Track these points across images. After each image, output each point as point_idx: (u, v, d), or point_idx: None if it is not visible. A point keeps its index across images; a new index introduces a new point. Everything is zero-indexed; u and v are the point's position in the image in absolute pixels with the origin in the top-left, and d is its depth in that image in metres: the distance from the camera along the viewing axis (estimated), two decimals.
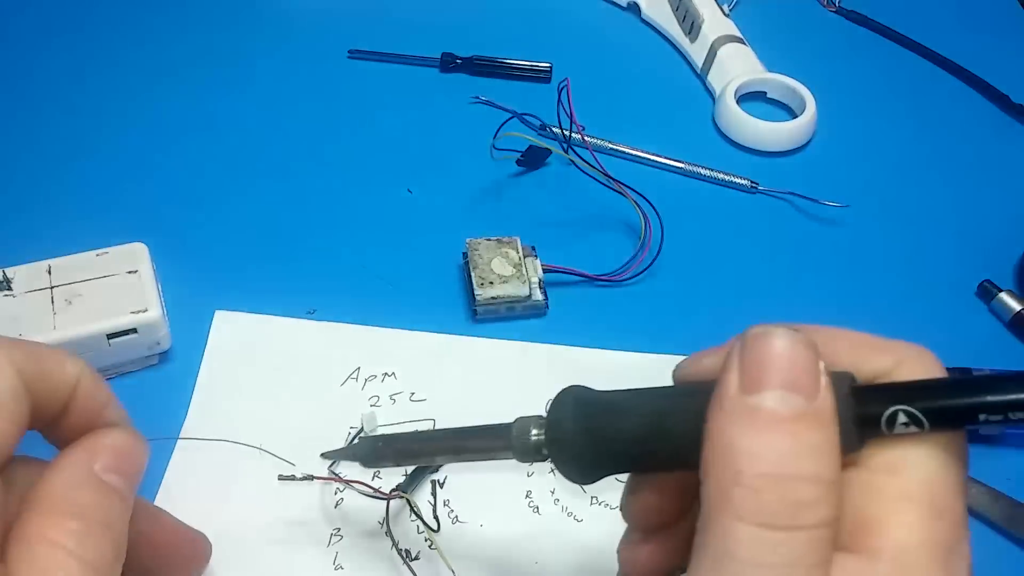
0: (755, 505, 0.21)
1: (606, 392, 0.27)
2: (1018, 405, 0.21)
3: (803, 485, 0.21)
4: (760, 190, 0.57)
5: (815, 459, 0.21)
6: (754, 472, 0.21)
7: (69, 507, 0.26)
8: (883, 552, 0.22)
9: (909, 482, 0.22)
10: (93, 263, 0.44)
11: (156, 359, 0.45)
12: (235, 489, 0.41)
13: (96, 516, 0.26)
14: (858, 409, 0.22)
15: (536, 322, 0.49)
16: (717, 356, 0.26)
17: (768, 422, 0.21)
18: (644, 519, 0.29)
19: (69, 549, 0.25)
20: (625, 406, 0.26)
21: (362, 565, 0.39)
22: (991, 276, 0.53)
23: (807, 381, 0.22)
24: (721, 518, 0.21)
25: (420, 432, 0.39)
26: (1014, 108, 0.64)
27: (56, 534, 0.25)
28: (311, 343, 0.47)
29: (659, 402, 0.26)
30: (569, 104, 0.52)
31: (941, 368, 0.24)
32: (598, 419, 0.27)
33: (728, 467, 0.21)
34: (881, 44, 0.70)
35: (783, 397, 0.21)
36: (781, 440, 0.21)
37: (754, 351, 0.22)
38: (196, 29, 0.64)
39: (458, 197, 0.55)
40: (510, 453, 0.29)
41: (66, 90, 0.59)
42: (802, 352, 0.22)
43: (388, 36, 0.64)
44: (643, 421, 0.25)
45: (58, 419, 0.28)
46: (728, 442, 0.22)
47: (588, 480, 0.28)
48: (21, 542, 0.25)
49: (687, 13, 0.66)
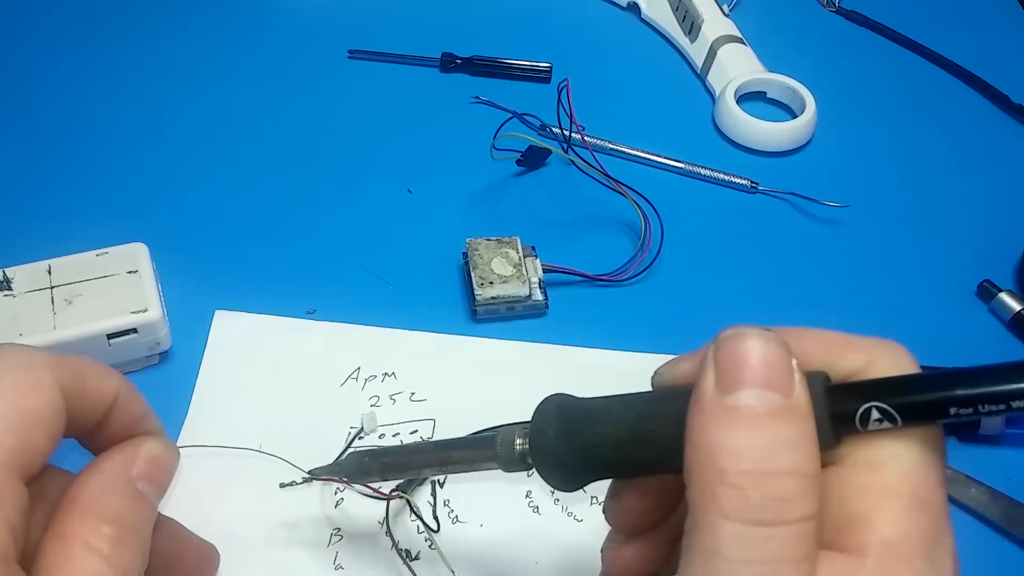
0: (740, 502, 0.21)
1: (587, 399, 0.28)
2: (988, 398, 0.21)
3: (786, 480, 0.21)
4: (760, 190, 0.57)
5: (795, 453, 0.22)
6: (737, 470, 0.21)
7: (105, 511, 0.26)
8: (869, 548, 0.22)
9: (889, 477, 0.22)
10: (93, 263, 0.44)
11: (156, 359, 0.45)
12: (235, 489, 0.41)
13: (128, 522, 0.27)
14: (832, 407, 0.23)
15: (536, 322, 0.49)
16: (694, 360, 0.26)
17: (747, 420, 0.22)
18: (627, 522, 0.30)
19: (104, 554, 0.25)
20: (606, 412, 0.27)
21: (362, 565, 0.39)
22: (991, 276, 0.53)
23: (781, 378, 0.22)
24: (708, 517, 0.22)
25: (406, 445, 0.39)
26: (1014, 108, 0.64)
27: (92, 537, 0.25)
28: (311, 343, 0.47)
29: (639, 407, 0.26)
30: (569, 104, 0.52)
31: (914, 364, 0.24)
32: (579, 427, 0.27)
33: (711, 466, 0.22)
34: (881, 44, 0.70)
35: (759, 394, 0.22)
36: (760, 436, 0.21)
37: (728, 352, 0.23)
38: (196, 29, 0.64)
39: (458, 197, 0.55)
40: (495, 463, 0.30)
41: (66, 90, 0.59)
42: (774, 350, 0.22)
43: (388, 36, 0.64)
44: (624, 427, 0.26)
45: (96, 429, 0.29)
46: (709, 442, 0.22)
47: (572, 487, 0.28)
48: (56, 541, 0.25)
49: (687, 13, 0.66)
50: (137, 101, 0.59)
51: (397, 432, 0.44)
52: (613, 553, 0.30)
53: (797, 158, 0.61)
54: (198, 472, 0.41)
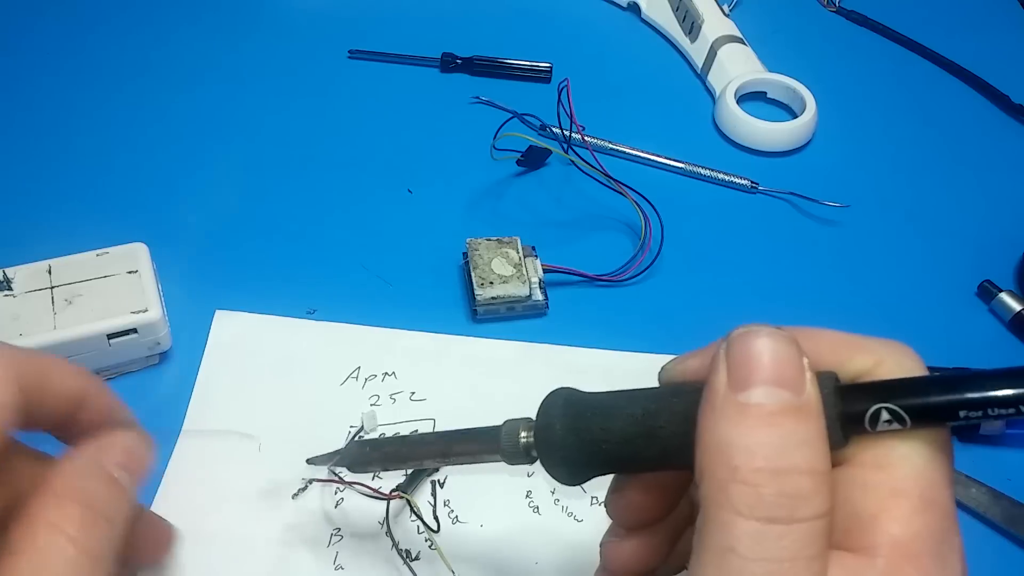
0: (754, 500, 0.21)
1: (594, 394, 0.28)
2: (997, 402, 0.21)
3: (799, 477, 0.21)
4: (760, 190, 0.57)
5: (807, 451, 0.22)
6: (750, 467, 0.21)
7: (75, 494, 0.26)
8: (879, 548, 0.22)
9: (898, 477, 0.23)
10: (93, 263, 0.44)
11: (156, 359, 0.45)
12: (235, 489, 0.41)
13: (100, 507, 0.27)
14: (842, 407, 0.23)
15: (536, 322, 0.49)
16: (702, 357, 0.26)
17: (759, 417, 0.22)
18: (629, 516, 0.30)
19: (70, 535, 0.25)
20: (613, 407, 0.26)
21: (362, 565, 0.39)
22: (991, 276, 0.53)
23: (792, 376, 0.22)
24: (721, 515, 0.22)
25: (408, 436, 0.39)
26: (1014, 108, 0.64)
27: (58, 518, 0.26)
28: (311, 343, 0.47)
29: (646, 403, 0.26)
30: (569, 104, 0.52)
31: (922, 365, 0.24)
32: (586, 420, 0.27)
33: (724, 464, 0.22)
34: (881, 44, 0.70)
35: (771, 392, 0.22)
36: (773, 434, 0.22)
37: (740, 350, 0.23)
38: (197, 29, 0.64)
39: (458, 197, 0.55)
40: (499, 456, 0.30)
41: (66, 90, 0.59)
42: (785, 348, 0.22)
43: (388, 36, 0.64)
44: (631, 422, 0.26)
45: (66, 423, 0.29)
46: (721, 439, 0.22)
47: (577, 481, 0.28)
48: (23, 522, 0.25)
49: (687, 13, 0.66)
50: (137, 101, 0.59)
51: (397, 431, 0.44)
52: (613, 547, 0.30)
53: (797, 158, 0.61)
54: (198, 472, 0.41)
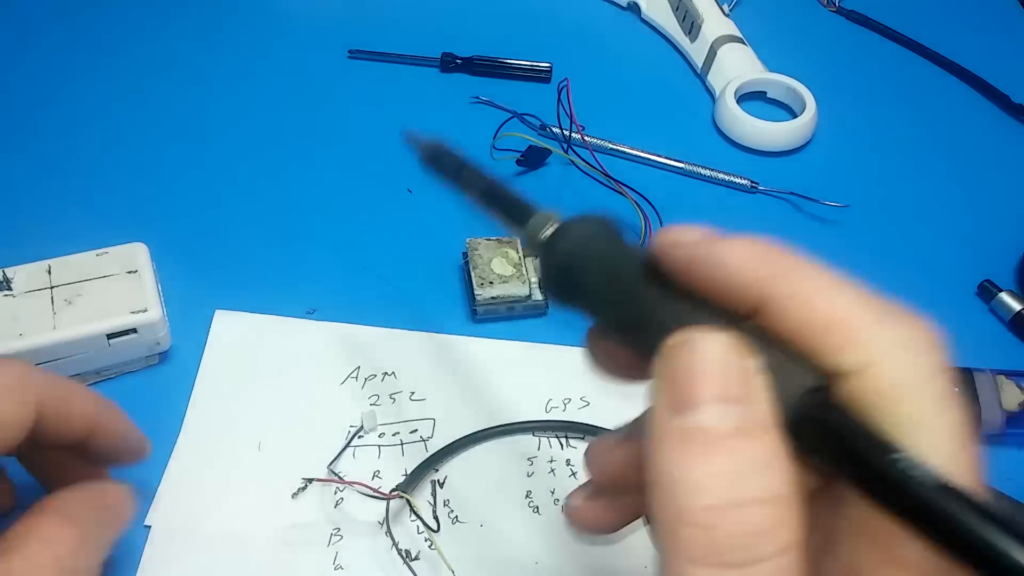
0: (707, 544, 0.18)
1: (632, 249, 0.25)
2: None
3: (757, 510, 0.18)
4: (760, 190, 0.57)
5: (764, 476, 0.19)
6: (699, 506, 0.18)
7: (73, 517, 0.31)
8: None
9: None
10: (93, 263, 0.44)
11: (156, 359, 0.45)
12: (234, 489, 0.41)
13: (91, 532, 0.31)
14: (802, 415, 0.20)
15: (536, 322, 0.49)
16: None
17: (705, 444, 0.19)
18: (610, 367, 0.27)
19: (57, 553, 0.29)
20: (626, 274, 0.24)
21: (362, 565, 0.39)
22: (991, 276, 0.53)
23: (739, 384, 0.19)
24: (673, 564, 0.19)
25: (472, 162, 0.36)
26: (1014, 108, 0.64)
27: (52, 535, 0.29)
28: (311, 343, 0.47)
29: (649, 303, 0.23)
30: (569, 104, 0.52)
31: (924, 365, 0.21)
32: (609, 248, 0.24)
33: (670, 504, 0.19)
34: (881, 44, 0.70)
35: (716, 411, 0.19)
36: (723, 463, 0.19)
37: (675, 363, 0.20)
38: (196, 29, 0.64)
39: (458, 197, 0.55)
40: (524, 233, 0.28)
41: (66, 90, 0.59)
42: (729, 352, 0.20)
43: (388, 36, 0.64)
44: (634, 299, 0.24)
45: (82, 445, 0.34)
46: (664, 475, 0.19)
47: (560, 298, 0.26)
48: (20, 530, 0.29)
49: (687, 13, 0.66)
50: (137, 101, 0.59)
51: (397, 431, 0.44)
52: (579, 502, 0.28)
53: (797, 158, 0.61)
54: (198, 472, 0.41)
